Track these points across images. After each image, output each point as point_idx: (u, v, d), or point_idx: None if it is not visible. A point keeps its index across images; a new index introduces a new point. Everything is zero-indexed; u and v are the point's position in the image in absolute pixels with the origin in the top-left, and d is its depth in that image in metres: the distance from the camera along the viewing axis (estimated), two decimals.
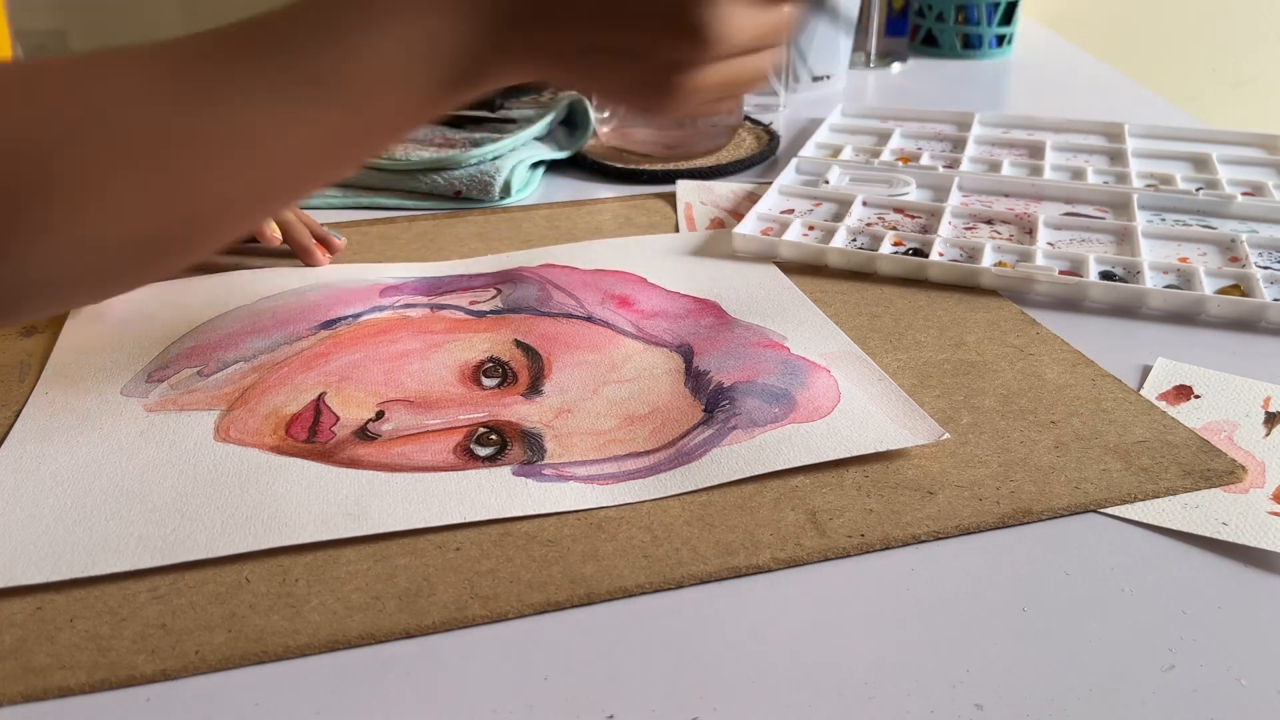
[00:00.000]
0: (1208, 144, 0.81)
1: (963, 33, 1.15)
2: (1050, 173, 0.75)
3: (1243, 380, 0.49)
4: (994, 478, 0.42)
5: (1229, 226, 0.66)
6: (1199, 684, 0.32)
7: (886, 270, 0.60)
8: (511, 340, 0.53)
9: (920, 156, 0.78)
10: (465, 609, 0.35)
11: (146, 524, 0.39)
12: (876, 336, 0.53)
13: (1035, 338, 0.53)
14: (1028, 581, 0.37)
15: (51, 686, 0.32)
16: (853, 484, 0.41)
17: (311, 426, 0.45)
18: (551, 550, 0.38)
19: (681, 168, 0.78)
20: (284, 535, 0.38)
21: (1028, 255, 0.61)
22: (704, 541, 0.38)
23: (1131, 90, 1.03)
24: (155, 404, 0.48)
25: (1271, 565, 0.37)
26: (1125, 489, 0.41)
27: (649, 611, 0.36)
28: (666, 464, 0.43)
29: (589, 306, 0.56)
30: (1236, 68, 1.53)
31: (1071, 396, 0.47)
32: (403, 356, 0.51)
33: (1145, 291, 0.56)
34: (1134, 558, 0.38)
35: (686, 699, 0.32)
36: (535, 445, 0.44)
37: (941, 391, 0.48)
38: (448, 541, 0.39)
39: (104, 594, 0.36)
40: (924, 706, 0.31)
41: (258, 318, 0.55)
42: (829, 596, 0.36)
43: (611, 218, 0.70)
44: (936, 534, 0.39)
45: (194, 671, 0.33)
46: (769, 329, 0.53)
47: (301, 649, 0.34)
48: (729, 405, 0.46)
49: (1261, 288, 0.56)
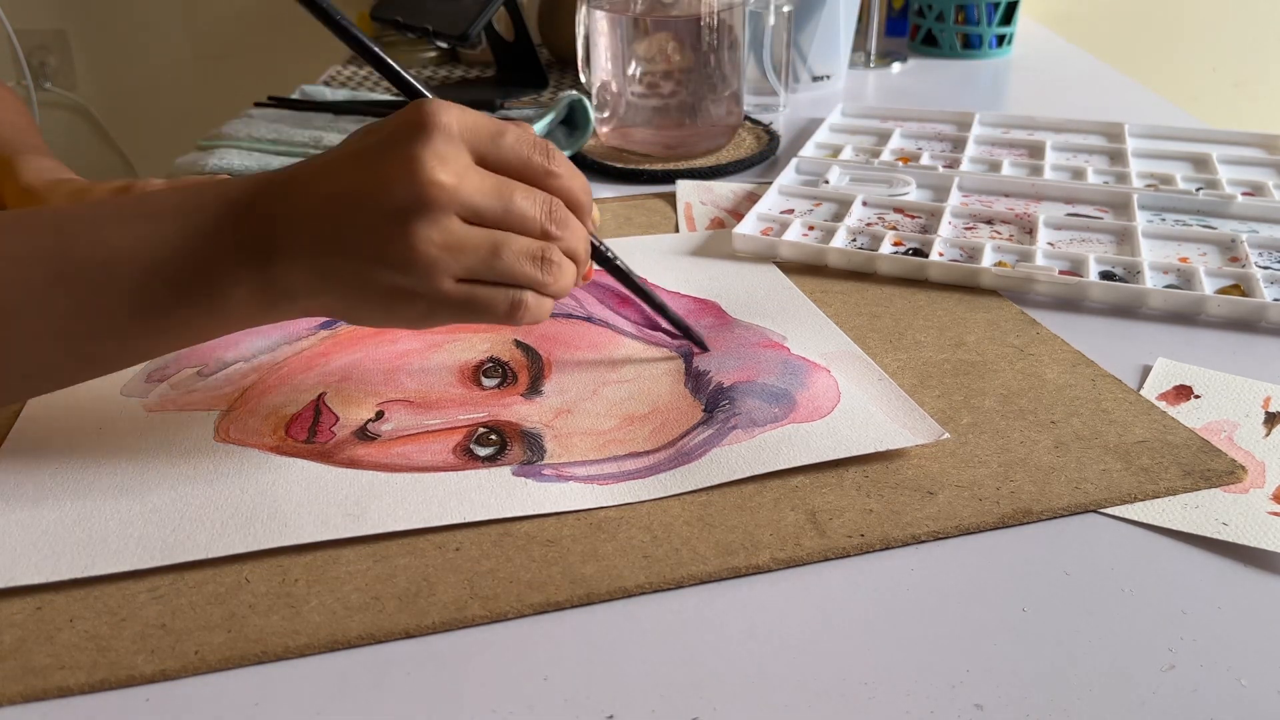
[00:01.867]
0: (1208, 144, 0.81)
1: (963, 33, 1.15)
2: (1050, 173, 0.75)
3: (1243, 380, 0.49)
4: (994, 478, 0.42)
5: (1229, 226, 0.66)
6: (1199, 684, 0.32)
7: (886, 270, 0.60)
8: (511, 340, 0.53)
9: (920, 156, 0.78)
10: (465, 609, 0.35)
11: (146, 524, 0.39)
12: (876, 336, 0.53)
13: (1035, 338, 0.53)
14: (1028, 581, 0.37)
15: (51, 686, 0.32)
16: (853, 484, 0.41)
17: (311, 427, 0.45)
18: (551, 550, 0.38)
19: (681, 168, 0.78)
20: (283, 535, 0.38)
21: (1028, 255, 0.61)
22: (704, 541, 0.38)
23: (1131, 90, 1.03)
24: (155, 404, 0.48)
25: (1271, 565, 0.37)
26: (1125, 489, 0.41)
27: (649, 611, 0.36)
28: (666, 464, 0.43)
29: (589, 306, 0.56)
30: (1236, 68, 1.53)
31: (1071, 396, 0.47)
32: (403, 356, 0.51)
33: (1145, 291, 0.56)
34: (1134, 558, 0.38)
35: (686, 699, 0.32)
36: (535, 445, 0.44)
37: (941, 391, 0.48)
38: (447, 541, 0.39)
39: (104, 594, 0.36)
40: (924, 706, 0.31)
41: None
42: (829, 596, 0.36)
43: (611, 218, 0.70)
44: (936, 534, 0.39)
45: (194, 671, 0.33)
46: (769, 329, 0.53)
47: (301, 649, 0.34)
48: (729, 405, 0.46)
49: (1261, 288, 0.56)
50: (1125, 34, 1.48)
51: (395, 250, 0.37)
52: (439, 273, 0.38)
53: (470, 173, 0.38)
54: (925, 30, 1.17)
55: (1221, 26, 1.50)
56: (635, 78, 0.78)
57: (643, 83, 0.78)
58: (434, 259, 0.37)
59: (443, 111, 0.38)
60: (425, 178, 0.36)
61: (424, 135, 0.37)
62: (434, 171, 0.37)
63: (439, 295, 0.38)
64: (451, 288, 0.38)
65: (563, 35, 1.08)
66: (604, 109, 0.81)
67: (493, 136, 0.39)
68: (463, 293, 0.39)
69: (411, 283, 0.38)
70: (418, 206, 0.37)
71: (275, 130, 0.83)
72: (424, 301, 0.39)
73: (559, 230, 0.40)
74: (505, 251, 0.39)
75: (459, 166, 0.38)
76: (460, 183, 0.37)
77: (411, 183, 0.36)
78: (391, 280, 0.38)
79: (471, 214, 0.38)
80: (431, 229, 0.37)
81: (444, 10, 0.87)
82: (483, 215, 0.38)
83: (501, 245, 0.39)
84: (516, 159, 0.40)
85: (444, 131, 0.37)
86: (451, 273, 0.38)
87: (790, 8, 0.90)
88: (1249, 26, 1.50)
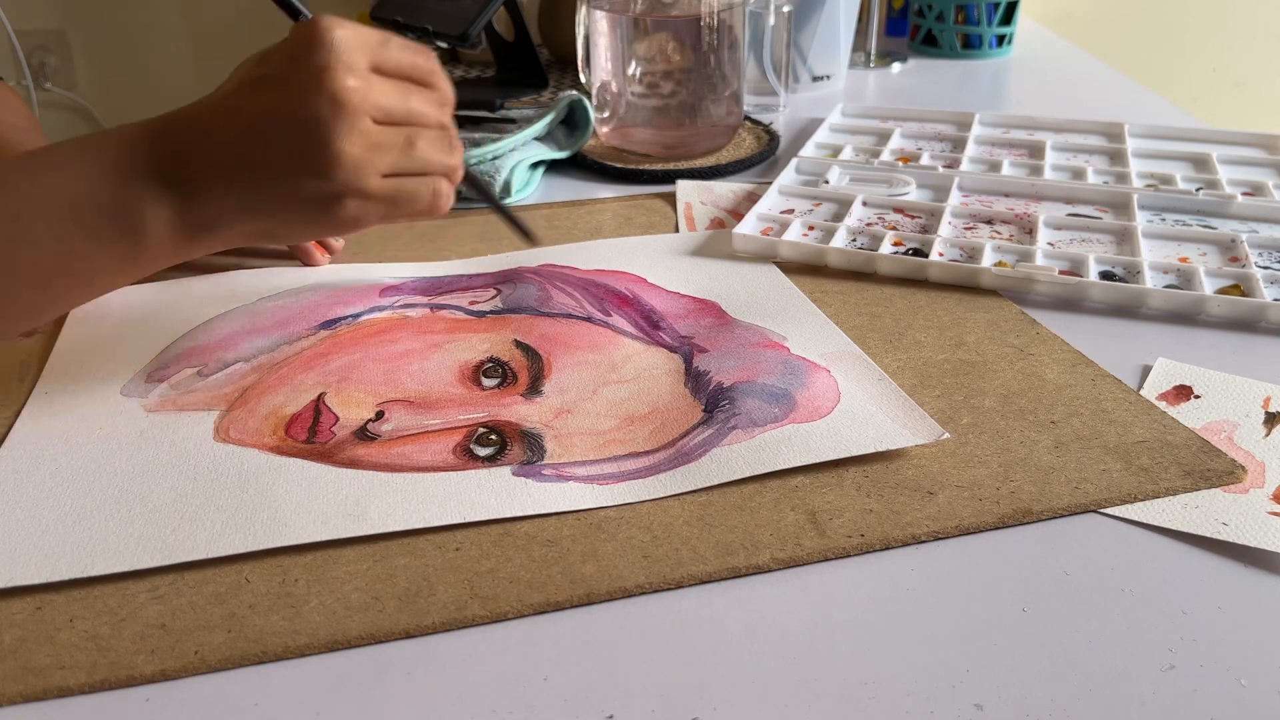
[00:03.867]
0: (1208, 144, 0.81)
1: (963, 33, 1.15)
2: (1050, 173, 0.75)
3: (1243, 380, 0.49)
4: (994, 478, 0.42)
5: (1229, 226, 0.66)
6: (1199, 684, 0.32)
7: (886, 270, 0.60)
8: (511, 340, 0.53)
9: (920, 156, 0.78)
10: (465, 609, 0.35)
11: (146, 524, 0.39)
12: (876, 336, 0.53)
13: (1035, 338, 0.53)
14: (1028, 581, 0.37)
15: (51, 686, 0.32)
16: (853, 484, 0.41)
17: (311, 427, 0.45)
18: (551, 550, 0.38)
19: (681, 168, 0.78)
20: (284, 535, 0.38)
21: (1028, 255, 0.61)
22: (704, 542, 0.38)
23: (1131, 90, 1.03)
24: (155, 404, 0.48)
25: (1271, 565, 0.37)
26: (1125, 489, 0.41)
27: (649, 611, 0.36)
28: (666, 464, 0.43)
29: (589, 307, 0.56)
30: (1236, 68, 1.53)
31: (1071, 396, 0.47)
32: (402, 357, 0.51)
33: (1145, 291, 0.56)
34: (1134, 558, 0.38)
35: (686, 699, 0.32)
36: (535, 445, 0.44)
37: (941, 391, 0.48)
38: (447, 541, 0.39)
39: (104, 594, 0.36)
40: (924, 706, 0.31)
41: (257, 318, 0.55)
42: (829, 596, 0.36)
43: (611, 218, 0.70)
44: (936, 534, 0.39)
45: (194, 671, 0.33)
46: (769, 329, 0.53)
47: (301, 649, 0.34)
48: (729, 405, 0.46)
49: (1261, 288, 0.56)
50: (1125, 34, 1.48)
51: (319, 158, 0.40)
52: (365, 171, 0.41)
53: (373, 77, 0.41)
54: (925, 30, 1.17)
55: (1221, 26, 1.50)
56: (635, 78, 0.78)
57: (643, 83, 0.78)
58: (358, 158, 0.40)
59: (335, 26, 0.41)
60: (337, 84, 0.40)
61: (324, 48, 0.40)
62: (344, 78, 0.40)
63: (367, 192, 0.41)
64: (378, 183, 0.42)
65: (563, 35, 1.08)
66: (604, 109, 0.81)
67: (380, 44, 0.42)
68: (389, 187, 0.42)
69: (337, 187, 0.41)
70: (335, 114, 0.40)
71: None
72: (353, 202, 0.41)
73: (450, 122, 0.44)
74: (420, 142, 0.43)
75: (362, 72, 0.41)
76: (368, 86, 0.41)
77: (324, 93, 0.39)
78: (317, 188, 0.41)
79: (381, 114, 0.41)
80: (351, 132, 0.40)
81: (444, 10, 0.87)
82: (391, 114, 0.42)
83: (416, 137, 0.43)
84: (405, 62, 0.43)
85: (342, 43, 0.40)
86: (376, 169, 0.41)
87: (790, 8, 0.90)
88: (1249, 26, 1.50)
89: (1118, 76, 1.08)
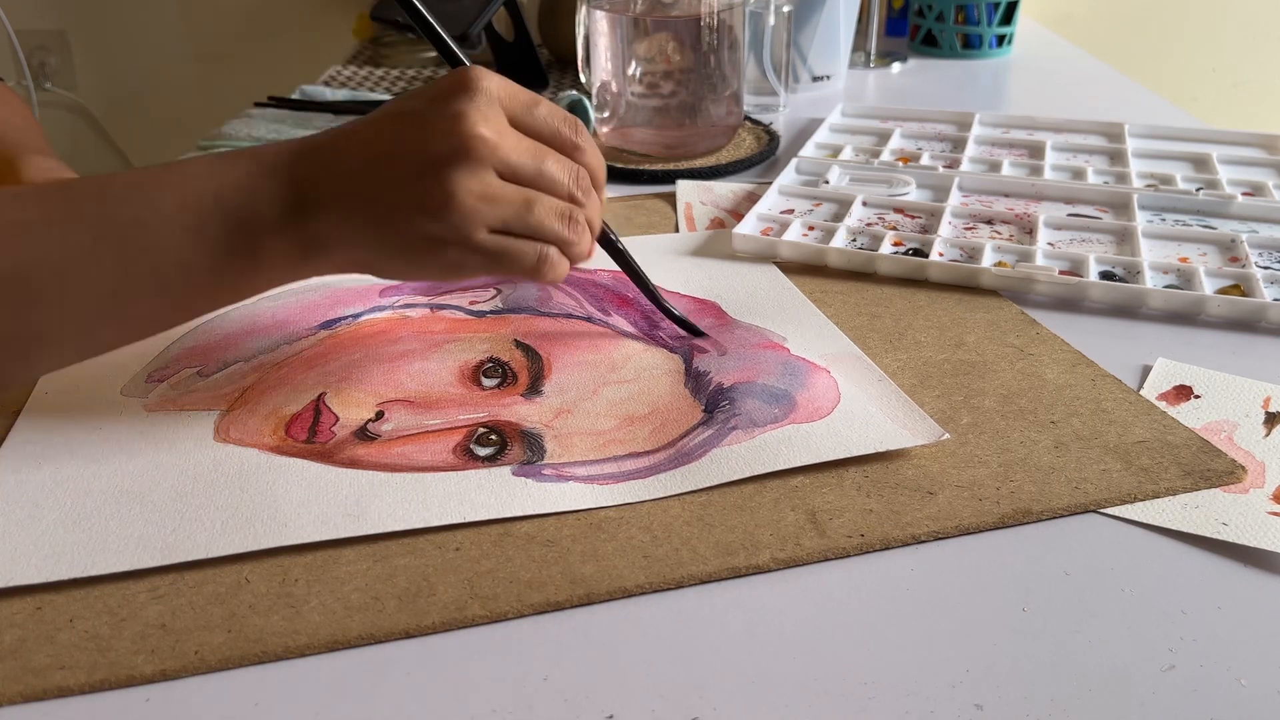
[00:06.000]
0: (1208, 144, 0.81)
1: (963, 33, 1.15)
2: (1050, 173, 0.75)
3: (1243, 380, 0.49)
4: (994, 478, 0.42)
5: (1229, 226, 0.66)
6: (1199, 684, 0.32)
7: (886, 270, 0.60)
8: (511, 340, 0.53)
9: (920, 156, 0.78)
10: (465, 609, 0.35)
11: (146, 524, 0.39)
12: (876, 337, 0.53)
13: (1035, 338, 0.53)
14: (1027, 581, 0.37)
15: (51, 686, 0.32)
16: (853, 484, 0.41)
17: (311, 427, 0.45)
18: (551, 550, 0.38)
19: (681, 168, 0.78)
20: (283, 535, 0.38)
21: (1028, 255, 0.61)
22: (704, 542, 0.38)
23: (1131, 90, 1.03)
24: (155, 404, 0.48)
25: (1271, 565, 0.37)
26: (1125, 489, 0.41)
27: (649, 611, 0.36)
28: (666, 464, 0.43)
29: (589, 306, 0.56)
30: (1236, 68, 1.53)
31: (1071, 396, 0.47)
32: (403, 357, 0.51)
33: (1145, 291, 0.56)
34: (1134, 558, 0.38)
35: (686, 699, 0.32)
36: (535, 445, 0.44)
37: (941, 391, 0.48)
38: (447, 541, 0.39)
39: (104, 594, 0.36)
40: (924, 706, 0.31)
41: (257, 318, 0.55)
42: (829, 596, 0.36)
43: (611, 218, 0.70)
44: (936, 534, 0.39)
45: (194, 671, 0.33)
46: (769, 329, 0.53)
47: (301, 649, 0.34)
48: (729, 406, 0.46)
49: (1261, 288, 0.56)
50: (1125, 34, 1.48)
51: (434, 198, 0.40)
52: (475, 221, 0.40)
53: (509, 133, 0.41)
54: (925, 30, 1.17)
55: (1221, 26, 1.50)
56: (635, 78, 0.78)
57: (643, 83, 0.78)
58: (471, 207, 0.40)
59: (485, 77, 0.41)
60: (468, 131, 0.40)
61: (468, 95, 0.40)
62: (476, 126, 0.40)
63: (472, 243, 0.41)
64: (485, 237, 0.41)
65: (563, 35, 1.08)
66: (604, 109, 0.81)
67: (528, 105, 0.42)
68: (495, 243, 0.42)
69: (447, 230, 0.40)
70: (459, 157, 0.40)
71: (275, 130, 0.83)
72: (456, 250, 0.41)
73: (583, 198, 0.44)
74: (538, 207, 0.42)
75: (499, 125, 0.41)
76: (500, 139, 0.40)
77: (455, 135, 0.40)
78: (427, 228, 0.40)
79: (508, 170, 0.41)
80: (471, 179, 0.40)
81: (444, 10, 0.87)
82: (517, 173, 0.41)
83: (535, 201, 0.42)
84: (548, 128, 0.43)
85: (486, 94, 0.41)
86: (486, 222, 0.41)
87: (790, 8, 0.90)
88: (1249, 26, 1.50)
89: (1118, 76, 1.08)
